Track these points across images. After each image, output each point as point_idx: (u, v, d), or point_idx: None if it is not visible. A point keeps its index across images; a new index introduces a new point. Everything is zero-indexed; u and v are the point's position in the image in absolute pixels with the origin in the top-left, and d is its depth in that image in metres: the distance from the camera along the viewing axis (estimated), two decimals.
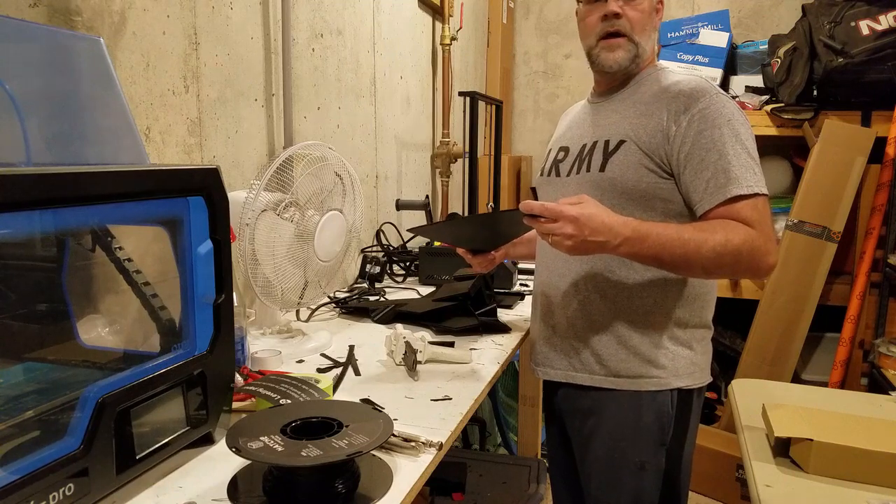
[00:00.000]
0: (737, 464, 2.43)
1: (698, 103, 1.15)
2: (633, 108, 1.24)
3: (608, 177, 1.21)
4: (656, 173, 1.18)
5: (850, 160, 2.58)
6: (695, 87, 1.17)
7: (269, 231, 1.31)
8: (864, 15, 2.52)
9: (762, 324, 2.68)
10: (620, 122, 1.24)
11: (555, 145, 1.41)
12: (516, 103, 3.87)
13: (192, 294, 0.92)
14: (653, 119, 1.19)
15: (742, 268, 1.12)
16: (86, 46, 1.03)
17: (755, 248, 1.09)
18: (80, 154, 0.97)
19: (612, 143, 1.22)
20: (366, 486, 0.86)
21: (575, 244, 1.06)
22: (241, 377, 1.16)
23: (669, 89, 1.20)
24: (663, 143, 1.17)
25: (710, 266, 1.10)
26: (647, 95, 1.23)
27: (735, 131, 1.14)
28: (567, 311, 1.30)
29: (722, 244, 1.08)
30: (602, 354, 1.26)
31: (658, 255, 1.10)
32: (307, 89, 1.91)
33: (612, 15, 1.21)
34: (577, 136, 1.33)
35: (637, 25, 1.22)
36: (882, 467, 1.17)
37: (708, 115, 1.14)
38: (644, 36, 1.24)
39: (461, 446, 2.52)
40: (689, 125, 1.15)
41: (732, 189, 1.11)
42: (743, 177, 1.12)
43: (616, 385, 1.25)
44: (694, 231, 1.10)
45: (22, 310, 0.79)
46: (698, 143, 1.14)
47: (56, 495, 0.72)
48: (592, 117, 1.32)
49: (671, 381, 1.24)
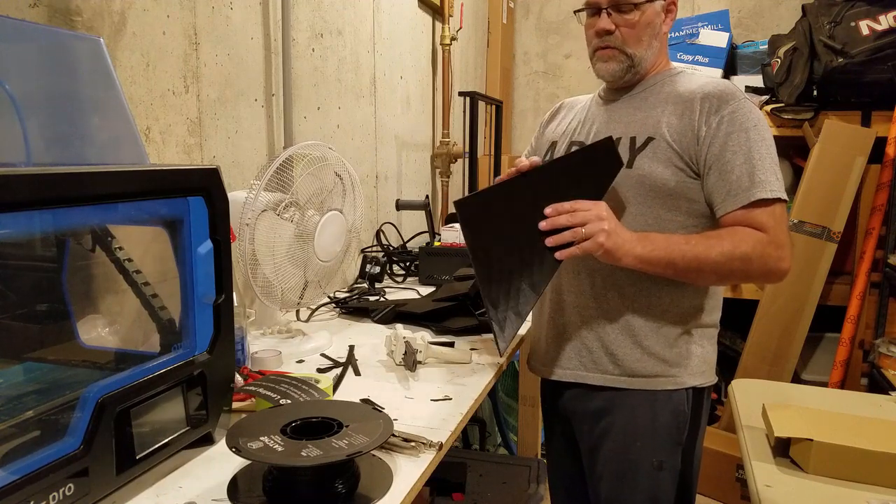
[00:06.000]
0: (737, 464, 2.44)
1: (728, 105, 1.16)
2: (661, 105, 1.23)
3: (636, 173, 1.20)
4: (685, 172, 1.19)
5: (850, 160, 2.58)
6: (724, 90, 1.19)
7: (269, 231, 1.31)
8: (864, 15, 2.52)
9: (762, 324, 2.68)
10: (646, 119, 1.23)
11: (561, 138, 1.37)
12: (516, 103, 3.87)
13: (192, 294, 0.92)
14: (683, 119, 1.19)
15: (754, 273, 1.15)
16: (86, 46, 1.03)
17: (765, 254, 1.12)
18: (80, 154, 0.97)
19: (639, 139, 1.22)
20: (366, 486, 0.86)
21: (611, 230, 1.10)
22: (241, 377, 1.16)
23: (698, 91, 1.20)
24: (693, 143, 1.18)
25: (722, 271, 1.14)
26: (674, 96, 1.23)
27: (762, 136, 1.16)
28: (582, 309, 1.28)
29: (730, 250, 1.12)
30: (617, 354, 1.25)
31: (671, 257, 1.13)
32: (307, 89, 1.91)
33: (604, 32, 1.23)
34: (594, 132, 1.30)
35: (630, 39, 1.23)
36: (882, 467, 1.17)
37: (737, 118, 1.16)
38: (640, 46, 1.24)
39: (461, 446, 2.52)
40: (719, 126, 1.16)
41: (756, 192, 1.13)
42: (767, 181, 1.14)
43: (631, 385, 1.25)
44: (701, 238, 1.14)
45: (22, 310, 0.79)
46: (727, 146, 1.16)
47: (56, 495, 0.72)
48: (608, 114, 1.30)
49: (686, 379, 1.24)
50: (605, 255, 1.12)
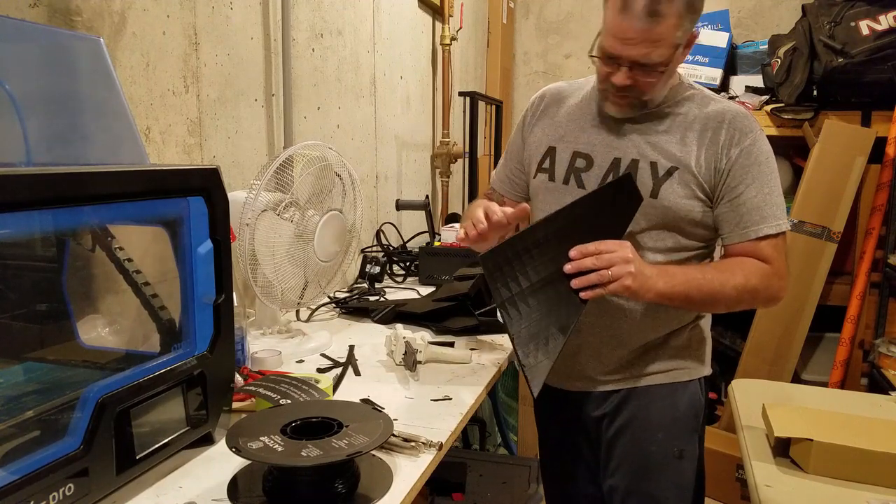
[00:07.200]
0: (737, 464, 2.43)
1: (747, 138, 1.17)
2: (678, 131, 1.19)
3: (661, 204, 1.19)
4: (705, 203, 1.20)
5: (850, 160, 2.58)
6: (744, 121, 1.19)
7: (269, 231, 1.31)
8: (864, 15, 2.52)
9: (762, 324, 2.68)
10: (667, 144, 1.19)
11: (560, 145, 1.28)
12: (516, 103, 3.87)
13: (192, 294, 0.92)
14: (704, 149, 1.18)
15: (758, 303, 1.23)
16: (86, 46, 1.03)
17: (769, 286, 1.18)
18: (80, 154, 0.97)
19: (660, 166, 1.19)
20: (366, 486, 0.86)
21: (636, 272, 1.09)
22: (241, 377, 1.16)
23: (716, 117, 1.19)
24: (713, 173, 1.18)
25: (731, 303, 1.18)
26: (691, 119, 1.19)
27: (772, 169, 1.19)
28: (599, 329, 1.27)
29: (742, 284, 1.16)
30: (635, 360, 1.28)
31: (689, 293, 1.15)
32: (307, 89, 1.91)
33: (623, 87, 1.15)
34: (601, 146, 1.24)
35: (649, 89, 1.16)
36: (882, 467, 1.17)
37: (753, 151, 1.17)
38: (658, 92, 1.18)
39: (461, 446, 2.52)
40: (738, 159, 1.17)
41: (763, 228, 1.17)
42: (773, 215, 1.17)
43: (650, 381, 1.28)
44: (715, 272, 1.17)
45: (22, 310, 0.79)
46: (742, 178, 1.17)
47: (56, 495, 0.72)
48: (619, 127, 1.23)
49: (700, 369, 1.31)
50: (632, 295, 1.12)
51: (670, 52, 1.10)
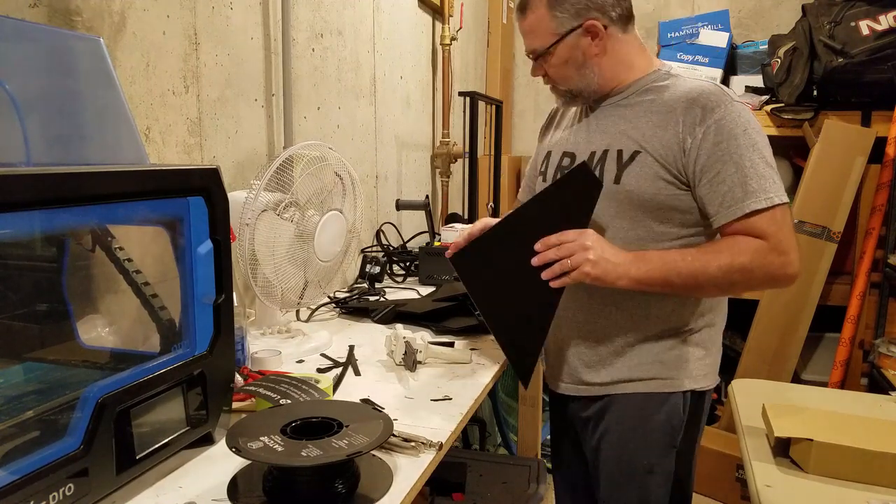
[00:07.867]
0: (737, 464, 2.44)
1: (714, 114, 1.12)
2: (645, 116, 1.19)
3: (624, 189, 1.18)
4: (674, 185, 1.16)
5: (850, 160, 2.58)
6: (709, 97, 1.14)
7: (269, 231, 1.31)
8: (864, 15, 2.52)
9: (762, 324, 2.68)
10: (631, 130, 1.20)
11: (555, 148, 1.34)
12: (516, 103, 3.87)
13: (192, 294, 0.92)
14: (668, 131, 1.15)
15: (757, 283, 1.13)
16: (86, 46, 1.03)
17: (767, 262, 1.10)
18: (80, 154, 0.97)
19: (625, 153, 1.19)
20: (366, 486, 0.86)
21: (597, 258, 1.09)
22: (241, 377, 1.16)
23: (682, 98, 1.16)
24: (679, 156, 1.14)
25: (722, 284, 1.13)
26: (659, 104, 1.19)
27: (752, 140, 1.12)
28: (581, 324, 1.27)
29: (727, 264, 1.10)
30: (615, 364, 1.24)
31: (667, 276, 1.11)
32: (307, 89, 1.91)
33: (547, 81, 1.29)
34: (583, 142, 1.27)
35: (557, 79, 1.26)
36: (882, 467, 1.17)
37: (724, 125, 1.12)
38: (570, 82, 1.24)
39: (461, 446, 2.52)
40: (705, 137, 1.12)
41: (750, 204, 1.10)
42: (761, 188, 1.10)
43: (626, 389, 1.24)
44: (698, 252, 1.13)
45: (22, 310, 0.79)
46: (714, 155, 1.12)
47: (56, 495, 0.72)
48: (596, 121, 1.27)
49: (684, 382, 1.23)
50: (595, 281, 1.11)
51: (551, 40, 1.21)
